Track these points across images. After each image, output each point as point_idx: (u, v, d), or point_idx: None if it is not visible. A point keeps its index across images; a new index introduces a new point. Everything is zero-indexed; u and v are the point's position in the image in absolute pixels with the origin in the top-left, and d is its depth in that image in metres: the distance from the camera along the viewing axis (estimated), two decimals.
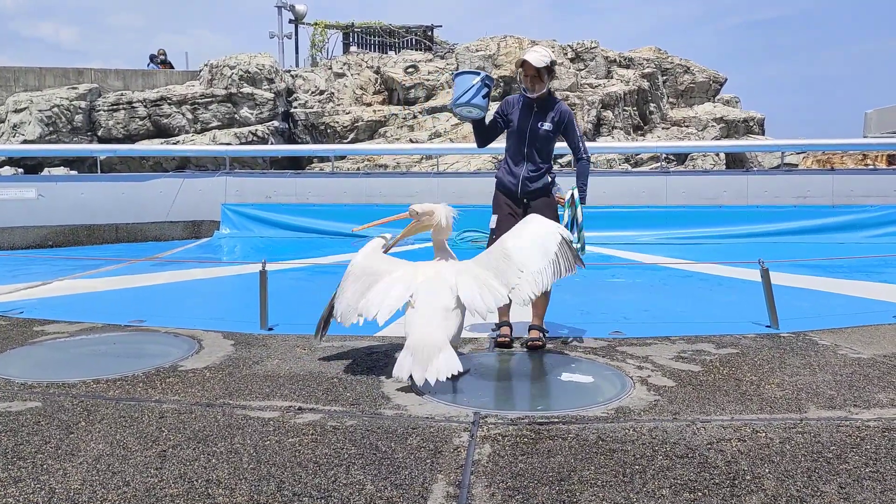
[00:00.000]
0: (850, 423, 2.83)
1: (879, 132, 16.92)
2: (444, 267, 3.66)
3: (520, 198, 4.32)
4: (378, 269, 3.63)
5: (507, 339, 4.25)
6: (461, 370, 3.23)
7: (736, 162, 16.53)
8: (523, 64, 4.22)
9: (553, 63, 4.23)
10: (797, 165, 16.01)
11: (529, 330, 4.27)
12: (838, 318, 4.96)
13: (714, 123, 17.68)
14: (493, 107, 4.60)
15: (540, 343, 4.18)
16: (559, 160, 14.17)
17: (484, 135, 4.40)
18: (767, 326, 4.70)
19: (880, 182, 11.29)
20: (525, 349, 4.17)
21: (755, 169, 15.11)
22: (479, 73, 4.20)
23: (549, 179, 4.35)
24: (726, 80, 19.40)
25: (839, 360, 3.80)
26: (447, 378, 3.18)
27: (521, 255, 3.49)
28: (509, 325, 4.32)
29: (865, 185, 11.24)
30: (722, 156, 16.26)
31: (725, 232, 10.79)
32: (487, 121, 4.39)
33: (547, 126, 4.27)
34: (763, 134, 18.36)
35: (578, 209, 4.32)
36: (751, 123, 18.15)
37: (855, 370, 3.61)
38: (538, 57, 4.19)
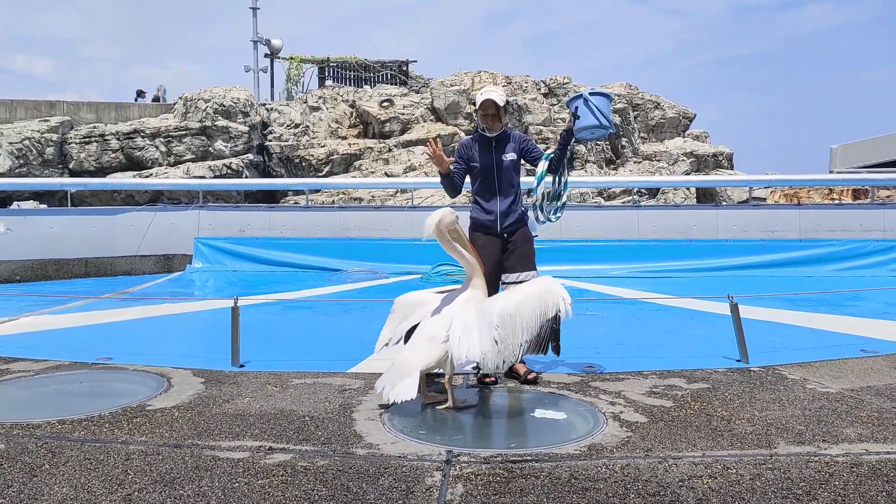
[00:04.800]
0: (819, 459, 2.85)
1: (844, 167, 17.38)
2: (460, 300, 3.78)
3: (499, 233, 4.37)
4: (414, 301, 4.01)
5: (493, 378, 4.22)
6: (413, 397, 3.42)
7: (706, 195, 16.83)
8: (484, 103, 4.32)
9: (507, 102, 4.41)
10: (765, 199, 16.34)
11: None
12: (807, 352, 5.02)
13: (684, 158, 18.01)
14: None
15: (533, 375, 4.20)
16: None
17: (454, 187, 4.43)
18: (738, 361, 4.75)
19: (846, 216, 11.54)
20: (499, 385, 4.17)
21: (725, 203, 15.39)
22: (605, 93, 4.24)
23: (524, 210, 4.45)
24: (695, 115, 19.83)
25: (808, 395, 3.85)
26: (402, 401, 3.40)
27: (503, 328, 3.58)
28: None
29: (832, 219, 11.49)
30: (693, 189, 16.55)
31: (696, 265, 10.93)
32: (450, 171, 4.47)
33: (511, 156, 4.37)
34: (732, 168, 18.72)
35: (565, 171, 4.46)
36: (720, 158, 18.52)
37: (823, 405, 3.65)
38: (499, 95, 4.34)
